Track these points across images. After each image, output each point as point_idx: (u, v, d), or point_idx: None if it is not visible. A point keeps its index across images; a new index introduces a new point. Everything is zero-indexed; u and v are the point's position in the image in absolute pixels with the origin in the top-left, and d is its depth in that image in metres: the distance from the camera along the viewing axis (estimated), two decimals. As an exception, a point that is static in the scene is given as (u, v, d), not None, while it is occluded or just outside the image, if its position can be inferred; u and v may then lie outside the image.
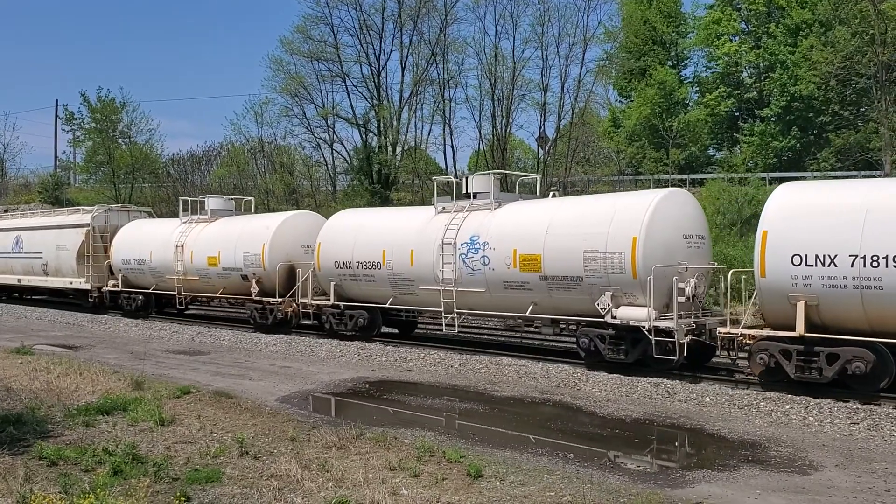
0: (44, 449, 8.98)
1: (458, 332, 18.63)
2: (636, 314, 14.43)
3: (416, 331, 21.79)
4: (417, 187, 40.98)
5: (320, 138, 43.95)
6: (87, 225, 28.76)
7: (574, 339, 16.84)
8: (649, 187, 34.29)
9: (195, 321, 25.87)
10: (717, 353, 15.04)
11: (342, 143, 43.97)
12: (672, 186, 32.62)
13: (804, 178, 31.65)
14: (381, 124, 41.50)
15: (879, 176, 29.35)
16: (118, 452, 8.73)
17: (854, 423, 10.62)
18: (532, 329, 19.35)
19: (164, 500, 7.48)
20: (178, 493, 7.49)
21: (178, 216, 27.83)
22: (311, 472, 8.33)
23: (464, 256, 17.19)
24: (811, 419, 10.94)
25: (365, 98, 42.04)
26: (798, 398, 12.09)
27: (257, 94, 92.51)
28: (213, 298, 25.36)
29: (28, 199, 54.51)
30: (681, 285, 14.18)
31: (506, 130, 39.43)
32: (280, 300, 21.40)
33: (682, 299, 14.14)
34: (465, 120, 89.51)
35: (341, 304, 20.09)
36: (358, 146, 42.95)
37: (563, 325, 16.63)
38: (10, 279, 33.35)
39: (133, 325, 24.22)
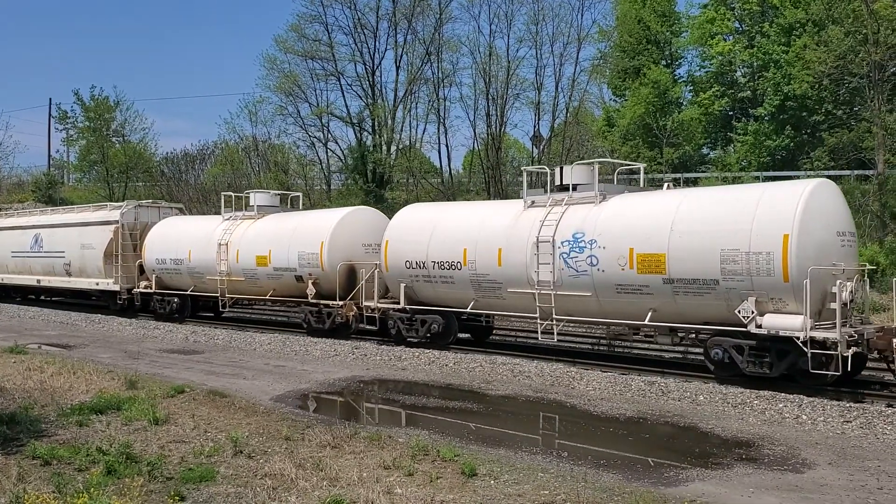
0: (37, 448, 8.96)
1: (556, 340, 16.43)
2: (788, 323, 12.75)
3: (492, 338, 20.13)
4: (412, 186, 40.98)
5: (315, 137, 43.98)
6: (116, 222, 27.01)
7: (684, 349, 16.29)
8: (644, 187, 34.33)
9: (231, 325, 24.44)
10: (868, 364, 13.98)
11: (336, 142, 44.00)
12: (665, 186, 32.74)
13: (798, 178, 31.84)
14: (376, 123, 41.51)
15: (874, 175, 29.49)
16: (112, 452, 8.71)
17: (847, 422, 10.66)
18: (640, 339, 17.08)
19: (159, 499, 7.47)
20: (173, 493, 7.49)
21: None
22: (305, 471, 8.33)
23: (565, 256, 15.39)
24: (804, 417, 10.98)
25: (359, 97, 42.08)
26: (791, 396, 12.13)
27: (251, 93, 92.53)
28: (259, 301, 24.12)
29: (21, 198, 54.34)
30: (834, 289, 12.53)
31: (500, 129, 39.45)
32: (341, 303, 19.82)
33: (834, 305, 12.50)
34: (459, 119, 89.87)
35: (412, 307, 18.48)
36: (352, 145, 42.97)
37: (683, 334, 14.92)
38: (28, 280, 31.69)
39: (127, 324, 24.15)
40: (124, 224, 27.01)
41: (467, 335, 19.47)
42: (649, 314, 14.45)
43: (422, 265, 18.04)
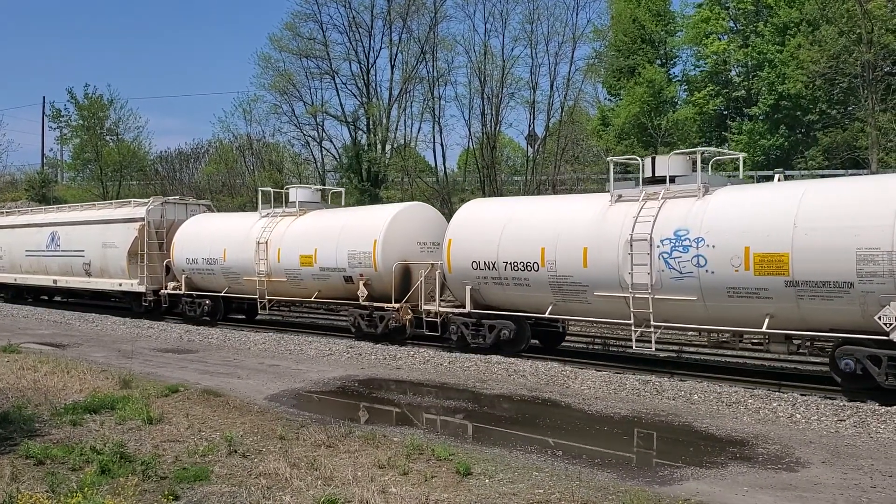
0: (31, 448, 8.94)
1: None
2: None
3: (564, 344, 18.78)
4: (407, 185, 40.96)
5: (309, 136, 43.86)
6: (141, 219, 25.61)
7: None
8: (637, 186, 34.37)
9: (268, 328, 23.09)
10: None
11: (331, 141, 43.91)
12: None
13: (792, 177, 31.88)
14: (371, 122, 41.45)
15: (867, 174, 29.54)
16: (106, 451, 8.69)
17: (841, 420, 10.68)
18: (747, 347, 15.49)
19: (153, 498, 7.46)
20: (167, 492, 7.47)
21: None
22: (299, 470, 8.32)
23: (665, 256, 13.96)
24: (798, 416, 11.00)
25: (354, 96, 41.99)
26: (785, 395, 12.17)
27: (246, 92, 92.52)
28: (302, 303, 23.06)
29: (15, 196, 54.21)
30: None
31: (495, 128, 39.43)
32: (396, 306, 18.56)
33: None
34: (454, 118, 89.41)
35: (478, 312, 17.11)
36: (347, 144, 42.89)
37: (800, 342, 13.42)
38: (43, 280, 30.18)
39: (120, 323, 24.09)
40: (150, 221, 25.68)
41: (534, 341, 18.01)
42: (766, 320, 13.01)
43: (491, 266, 16.64)
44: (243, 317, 25.05)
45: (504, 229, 16.65)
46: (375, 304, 19.15)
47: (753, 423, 10.74)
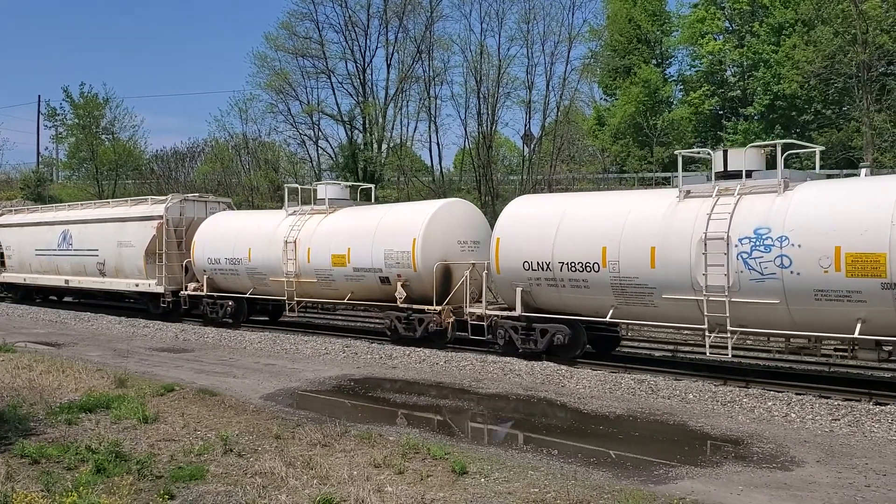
0: (26, 447, 8.93)
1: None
2: None
3: (620, 349, 17.77)
4: (403, 185, 40.97)
5: (305, 135, 43.86)
6: (160, 217, 24.37)
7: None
8: (633, 186, 34.54)
9: (295, 329, 22.03)
10: None
11: (327, 140, 43.92)
12: (655, 185, 32.83)
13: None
14: (367, 121, 41.46)
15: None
16: (101, 450, 8.69)
17: (835, 420, 10.71)
18: (827, 353, 14.88)
19: (148, 497, 7.46)
20: (162, 491, 7.47)
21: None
22: (295, 469, 8.33)
23: (745, 256, 12.98)
24: (793, 415, 11.03)
25: (350, 95, 42.01)
26: (780, 395, 12.20)
27: (242, 91, 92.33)
28: (334, 305, 22.09)
29: (10, 195, 54.07)
30: None
31: (491, 128, 39.47)
32: (437, 308, 17.57)
33: None
34: (450, 117, 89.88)
35: (528, 315, 16.04)
36: (343, 143, 42.90)
37: (890, 348, 12.40)
38: (54, 280, 29.19)
39: (116, 322, 24.05)
40: (169, 220, 24.41)
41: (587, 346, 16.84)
42: (858, 325, 12.02)
43: (545, 266, 15.53)
44: (266, 318, 24.10)
45: (559, 227, 15.56)
46: (415, 307, 18.10)
47: (748, 423, 10.76)
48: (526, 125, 40.49)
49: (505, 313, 16.52)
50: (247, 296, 22.59)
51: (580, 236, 15.22)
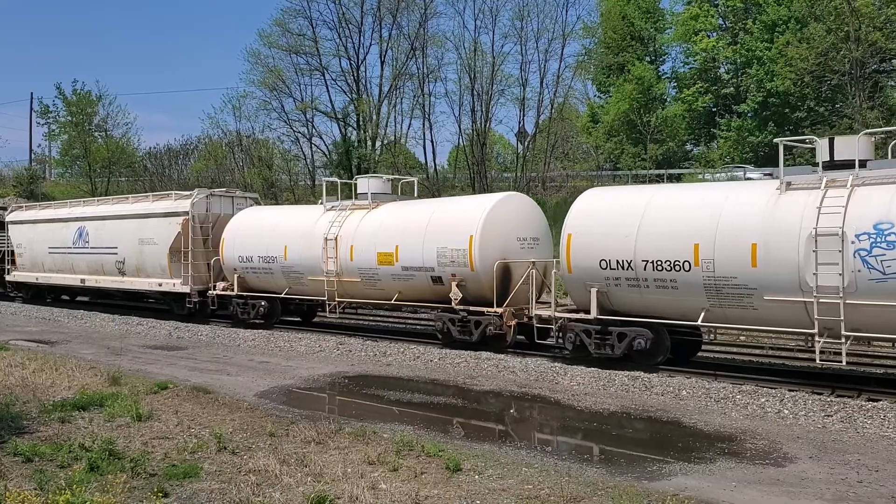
0: (19, 445, 8.90)
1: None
2: None
3: (701, 355, 16.26)
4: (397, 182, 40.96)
5: (299, 132, 43.87)
6: (185, 213, 23.18)
7: None
8: (627, 182, 34.58)
9: (336, 332, 20.72)
10: None
11: (321, 137, 43.93)
12: (649, 182, 32.87)
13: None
14: (361, 118, 41.46)
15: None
16: (95, 448, 8.67)
17: (828, 416, 10.76)
18: None
19: (142, 495, 7.44)
20: (156, 489, 7.46)
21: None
22: (289, 466, 8.32)
23: (863, 254, 11.91)
24: (786, 412, 11.07)
25: (344, 92, 42.03)
26: (773, 391, 12.23)
27: (235, 88, 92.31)
28: (380, 306, 20.93)
29: (2, 192, 53.90)
30: None
31: (485, 125, 39.55)
32: (498, 310, 16.43)
33: None
34: (444, 114, 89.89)
35: (602, 318, 14.77)
36: (337, 140, 42.91)
37: None
38: (69, 280, 28.03)
39: (109, 320, 23.98)
40: (195, 216, 23.25)
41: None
42: None
43: (626, 265, 14.28)
44: (299, 319, 22.97)
45: (641, 222, 14.29)
46: (472, 309, 16.94)
47: (741, 419, 10.80)
48: (520, 122, 40.66)
49: (577, 316, 15.23)
50: (282, 296, 21.33)
51: (668, 232, 13.94)
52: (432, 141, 42.61)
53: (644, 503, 7.14)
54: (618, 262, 14.43)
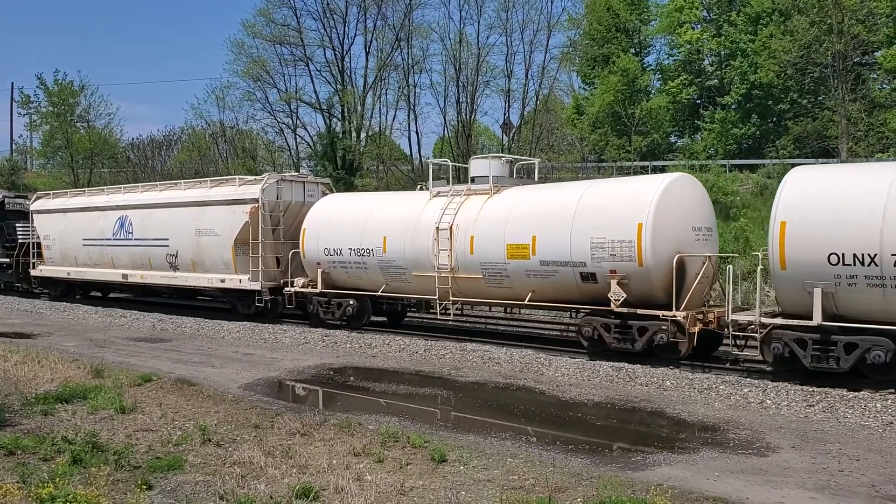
0: (1, 438, 8.83)
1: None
2: None
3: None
4: (382, 173, 40.88)
5: (283, 123, 43.57)
6: (254, 201, 20.78)
7: None
8: (611, 174, 34.66)
9: (414, 333, 18.77)
10: None
11: (305, 129, 43.66)
12: (633, 174, 32.94)
13: (764, 166, 32.26)
14: (345, 109, 41.26)
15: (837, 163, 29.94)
16: (78, 441, 8.62)
17: (810, 406, 10.85)
18: None
19: (125, 488, 7.41)
20: (140, 482, 7.43)
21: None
22: (274, 458, 8.31)
23: None
24: (769, 402, 11.16)
25: (329, 83, 41.77)
26: (756, 381, 12.33)
27: (219, 78, 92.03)
28: (508, 307, 18.31)
29: (-17, 183, 53.41)
30: None
31: (470, 117, 39.46)
32: (677, 314, 13.88)
33: None
34: (429, 106, 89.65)
35: (827, 325, 12.31)
36: (322, 131, 42.69)
37: None
38: (109, 275, 25.42)
39: (92, 312, 23.80)
40: (265, 203, 20.85)
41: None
42: None
43: (866, 260, 11.80)
44: (384, 319, 20.64)
45: (886, 207, 11.81)
46: (640, 312, 14.39)
47: (725, 409, 10.87)
48: (505, 114, 40.57)
49: (792, 322, 12.79)
50: (378, 293, 18.84)
51: None
52: (417, 132, 42.28)
53: (628, 493, 7.17)
54: (855, 256, 11.94)
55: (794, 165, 16.79)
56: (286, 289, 20.46)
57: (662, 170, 36.22)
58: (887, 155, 28.94)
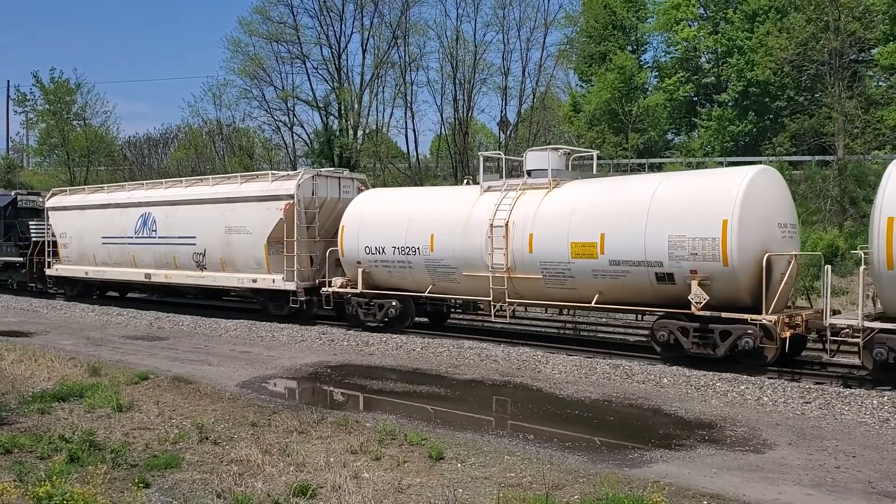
0: (-2, 437, 8.83)
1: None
2: None
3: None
4: (379, 171, 40.88)
5: (280, 121, 43.65)
6: (289, 197, 19.83)
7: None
8: (609, 172, 34.67)
9: (453, 335, 17.87)
10: None
11: (302, 126, 43.74)
12: (631, 172, 32.95)
13: (760, 163, 32.27)
14: (342, 107, 41.30)
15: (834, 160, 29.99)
16: (75, 439, 8.61)
17: (806, 403, 10.87)
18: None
19: (123, 486, 7.41)
20: (137, 480, 7.43)
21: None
22: (271, 456, 8.31)
23: None
24: (765, 399, 11.18)
25: (325, 80, 41.84)
26: (753, 378, 12.34)
27: (216, 76, 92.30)
28: (573, 309, 17.54)
29: (-21, 182, 53.30)
30: None
31: (467, 114, 39.51)
32: (768, 318, 12.91)
33: None
34: (426, 103, 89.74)
35: None
36: (318, 129, 42.72)
37: None
38: (130, 274, 24.42)
39: (89, 310, 23.78)
40: (300, 199, 19.89)
41: None
42: None
43: None
44: (426, 319, 19.83)
45: None
46: (725, 315, 13.37)
47: (721, 406, 10.89)
48: (502, 111, 40.63)
49: (886, 325, 11.86)
50: (425, 294, 17.82)
51: None
52: (414, 130, 42.37)
53: (625, 490, 7.18)
54: None
55: (790, 163, 16.86)
56: (323, 289, 19.56)
57: (660, 167, 36.29)
58: (884, 151, 28.99)
